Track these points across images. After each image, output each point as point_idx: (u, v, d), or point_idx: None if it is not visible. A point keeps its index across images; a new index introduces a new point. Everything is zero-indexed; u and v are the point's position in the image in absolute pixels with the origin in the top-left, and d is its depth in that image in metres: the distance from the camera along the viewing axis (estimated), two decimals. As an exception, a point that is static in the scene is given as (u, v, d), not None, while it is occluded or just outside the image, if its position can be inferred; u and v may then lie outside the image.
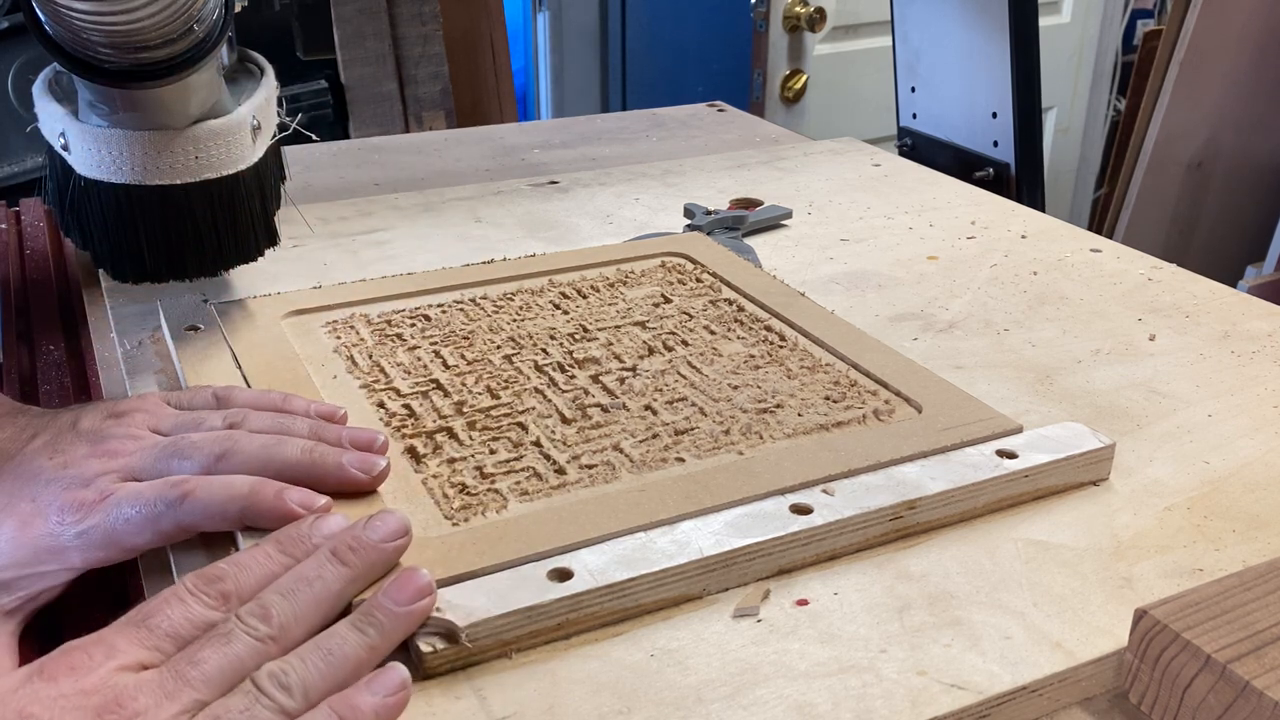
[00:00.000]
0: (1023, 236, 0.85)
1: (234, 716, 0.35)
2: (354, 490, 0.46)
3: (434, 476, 0.49)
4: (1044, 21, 1.23)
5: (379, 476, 0.47)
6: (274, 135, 0.62)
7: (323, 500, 0.45)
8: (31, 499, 0.45)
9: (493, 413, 0.54)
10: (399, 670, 0.38)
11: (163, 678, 0.36)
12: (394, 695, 0.37)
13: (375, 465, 0.47)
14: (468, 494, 0.48)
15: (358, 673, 0.38)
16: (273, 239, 0.64)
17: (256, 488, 0.44)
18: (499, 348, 0.60)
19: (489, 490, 0.48)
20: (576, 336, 0.62)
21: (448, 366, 0.58)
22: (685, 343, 0.61)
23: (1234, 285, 0.86)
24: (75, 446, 0.47)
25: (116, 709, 0.35)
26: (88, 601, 0.48)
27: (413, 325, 0.63)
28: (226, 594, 0.39)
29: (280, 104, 0.63)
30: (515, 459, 0.50)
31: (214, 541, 0.46)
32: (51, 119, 0.57)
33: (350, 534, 0.41)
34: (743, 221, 0.84)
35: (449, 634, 0.40)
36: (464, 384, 0.56)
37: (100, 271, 0.71)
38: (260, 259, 0.63)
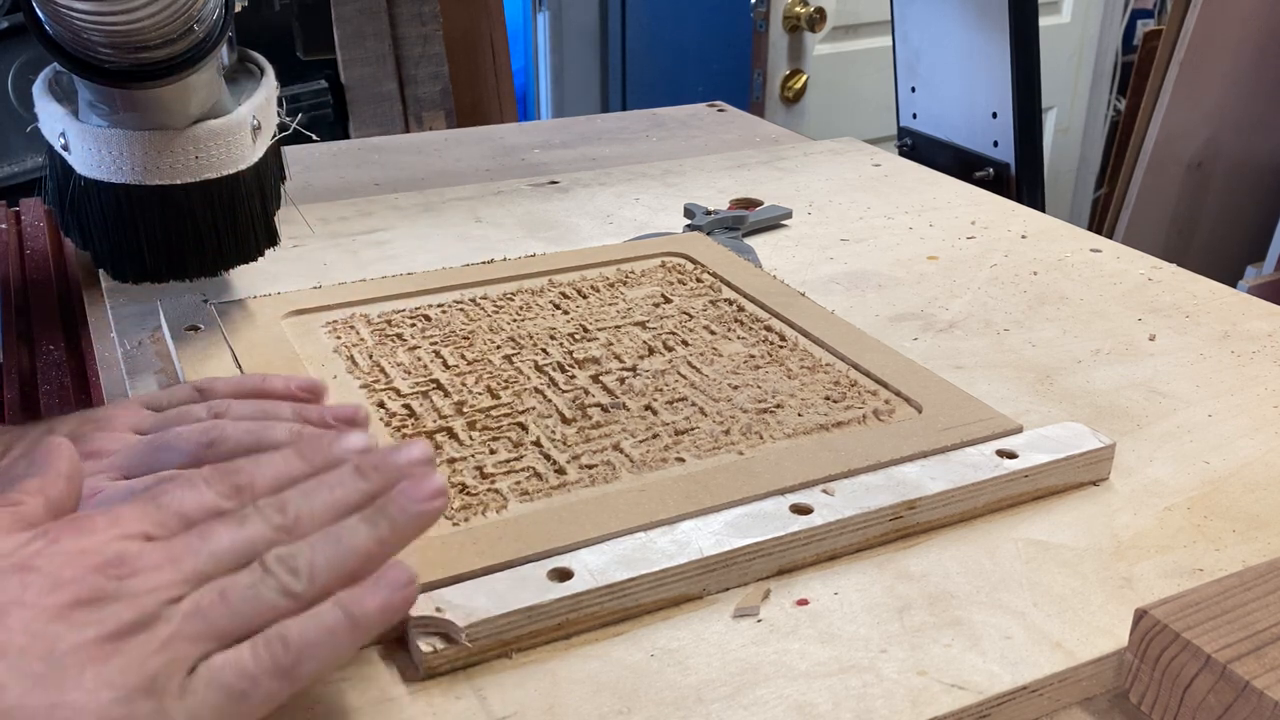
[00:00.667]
0: (1023, 236, 0.85)
1: (239, 590, 0.35)
2: None
3: (434, 476, 0.49)
4: (1044, 21, 1.23)
5: None
6: (274, 135, 0.62)
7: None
8: None
9: (493, 413, 0.54)
10: (404, 566, 0.36)
11: (170, 545, 0.35)
12: (400, 591, 0.36)
13: (360, 443, 0.46)
14: (468, 494, 0.48)
15: (366, 565, 0.37)
16: (273, 239, 0.64)
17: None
18: (499, 348, 0.60)
19: (489, 490, 0.48)
20: (576, 336, 0.62)
21: (448, 366, 0.58)
22: (685, 343, 0.61)
23: (1234, 285, 0.86)
24: None
25: (118, 565, 0.34)
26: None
27: (413, 325, 0.63)
28: (240, 487, 0.38)
29: (280, 104, 0.63)
30: (515, 459, 0.50)
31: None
32: (51, 119, 0.57)
33: (375, 453, 0.40)
34: (743, 221, 0.84)
35: (449, 634, 0.40)
36: (464, 384, 0.57)
37: (100, 271, 0.71)
38: (260, 259, 0.63)
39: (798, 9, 1.76)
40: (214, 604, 0.34)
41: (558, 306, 0.65)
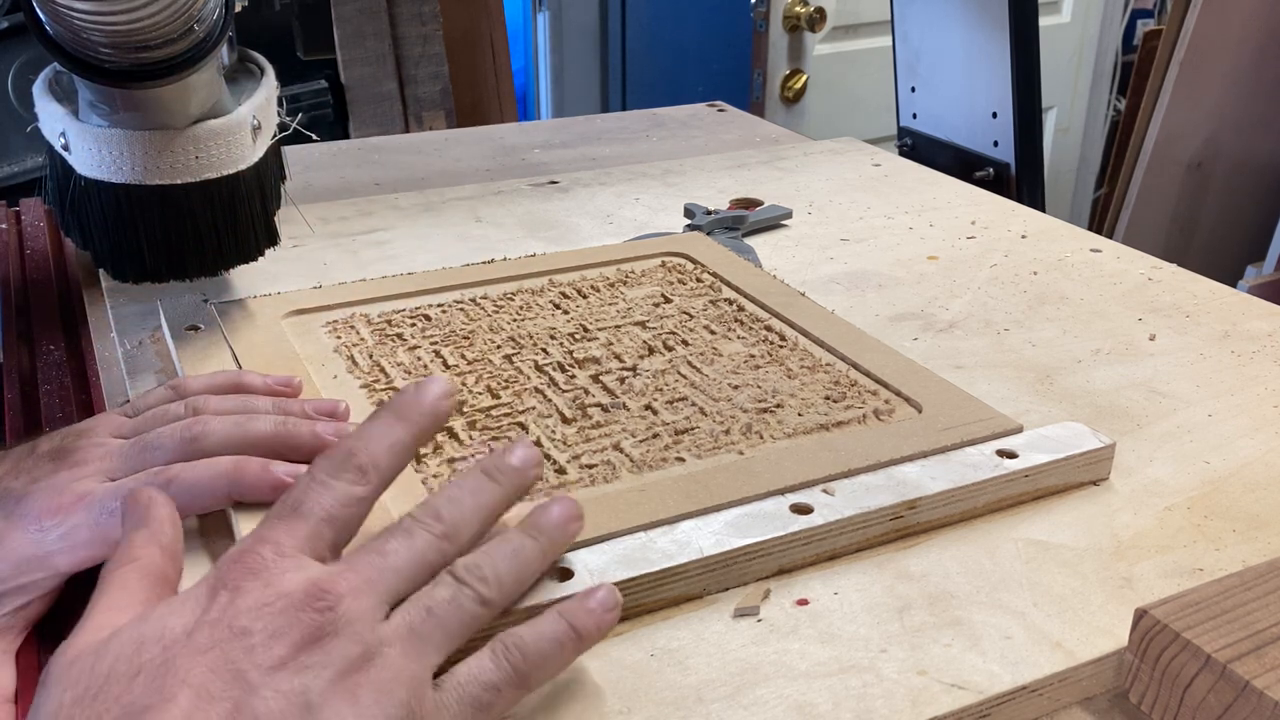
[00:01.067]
0: (1023, 236, 0.85)
1: (442, 605, 0.36)
2: None
3: (434, 476, 0.49)
4: (1044, 21, 1.23)
5: None
6: (274, 135, 0.62)
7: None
8: (4, 516, 0.44)
9: (493, 412, 0.54)
10: (610, 588, 0.39)
11: (355, 567, 0.36)
12: (611, 612, 0.38)
13: (346, 432, 0.47)
14: (468, 494, 0.48)
15: (534, 575, 0.39)
16: (273, 239, 0.64)
17: (240, 463, 0.45)
18: (499, 347, 0.60)
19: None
20: (577, 336, 0.62)
21: (448, 366, 0.58)
22: (685, 342, 0.61)
23: (1234, 285, 0.86)
24: (40, 465, 0.46)
25: (323, 595, 0.34)
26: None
27: (413, 325, 0.63)
28: (363, 468, 0.39)
29: (280, 104, 0.63)
30: (515, 459, 0.50)
31: (209, 530, 0.46)
32: (51, 119, 0.57)
33: (494, 457, 0.41)
34: (743, 221, 0.84)
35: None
36: (464, 384, 0.57)
37: (100, 271, 0.71)
38: (260, 259, 0.63)
39: (798, 9, 1.77)
40: (424, 621, 0.35)
41: (558, 306, 0.65)
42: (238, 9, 0.57)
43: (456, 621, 0.36)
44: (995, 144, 1.18)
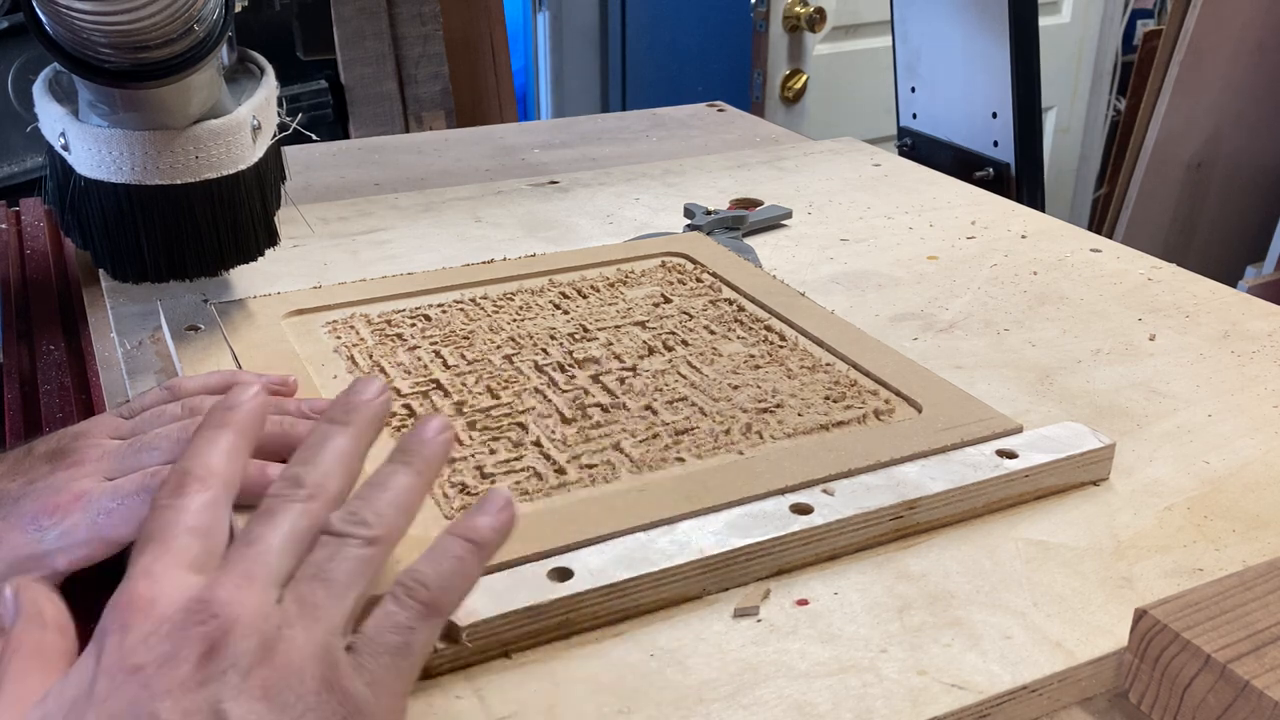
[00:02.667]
0: (1023, 236, 0.85)
1: (325, 567, 0.35)
2: None
3: (434, 476, 0.49)
4: (1044, 21, 1.23)
5: None
6: (274, 135, 0.62)
7: None
8: (1, 517, 0.44)
9: (493, 412, 0.54)
10: (500, 489, 0.39)
11: (230, 565, 0.34)
12: (505, 510, 0.39)
13: None
14: (467, 494, 0.48)
15: (418, 502, 0.38)
16: (273, 239, 0.64)
17: None
18: (499, 348, 0.60)
19: (489, 490, 0.48)
20: (576, 336, 0.62)
21: (448, 366, 0.58)
22: (685, 342, 0.61)
23: (1234, 285, 0.86)
24: (37, 467, 0.46)
25: (204, 606, 0.33)
26: (87, 606, 0.48)
27: (413, 325, 0.63)
28: (200, 477, 0.37)
29: (280, 104, 0.63)
30: (515, 459, 0.50)
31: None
32: (51, 119, 0.57)
33: (339, 401, 0.40)
34: (743, 221, 0.84)
35: (449, 634, 0.40)
36: (464, 384, 0.57)
37: (100, 271, 0.71)
38: (260, 259, 0.63)
39: (798, 9, 1.77)
40: (314, 590, 0.34)
41: (558, 306, 0.65)
42: (238, 9, 0.57)
43: (346, 575, 0.35)
44: (995, 144, 1.18)
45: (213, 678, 0.31)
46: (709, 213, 0.84)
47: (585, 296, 0.67)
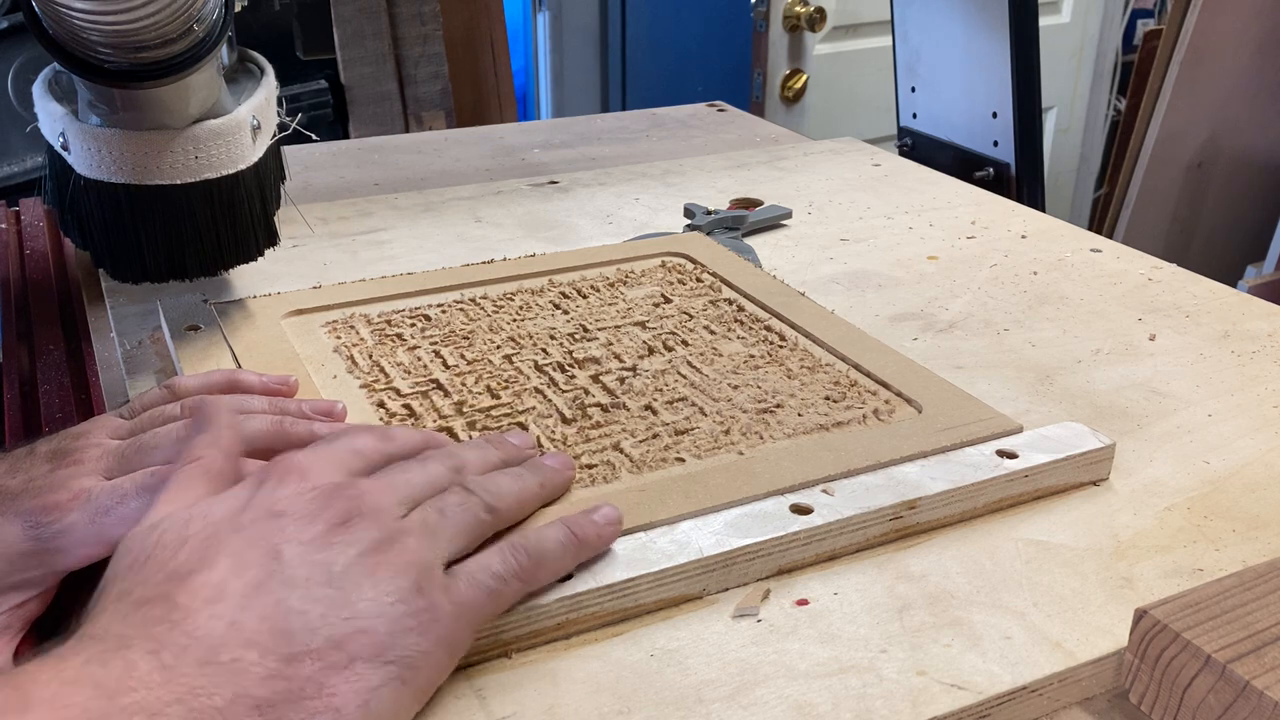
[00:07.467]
0: (1023, 236, 0.85)
1: (452, 508, 0.41)
2: None
3: (434, 476, 0.49)
4: (1044, 21, 1.23)
5: None
6: (274, 135, 0.62)
7: None
8: (1, 514, 0.44)
9: (493, 412, 0.54)
10: (613, 507, 0.44)
11: (377, 478, 0.41)
12: (612, 525, 0.44)
13: None
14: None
15: (534, 504, 0.45)
16: (273, 239, 0.64)
17: None
18: (499, 348, 0.60)
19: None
20: (576, 336, 0.62)
21: (448, 366, 0.58)
22: (685, 343, 0.61)
23: (1234, 285, 0.86)
24: (38, 466, 0.46)
25: (351, 487, 0.40)
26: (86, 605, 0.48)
27: (413, 325, 0.63)
28: (389, 435, 0.45)
29: (280, 104, 0.63)
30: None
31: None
32: (51, 119, 0.57)
33: (543, 460, 0.48)
34: (743, 221, 0.84)
35: (449, 634, 0.40)
36: (464, 384, 0.56)
37: (100, 271, 0.71)
38: (260, 259, 0.63)
39: (798, 9, 1.77)
40: (438, 519, 0.40)
41: (558, 306, 0.65)
42: (238, 9, 0.57)
43: (464, 523, 0.41)
44: (995, 144, 1.18)
45: (335, 544, 0.37)
46: (709, 213, 0.84)
47: (585, 296, 0.67)
